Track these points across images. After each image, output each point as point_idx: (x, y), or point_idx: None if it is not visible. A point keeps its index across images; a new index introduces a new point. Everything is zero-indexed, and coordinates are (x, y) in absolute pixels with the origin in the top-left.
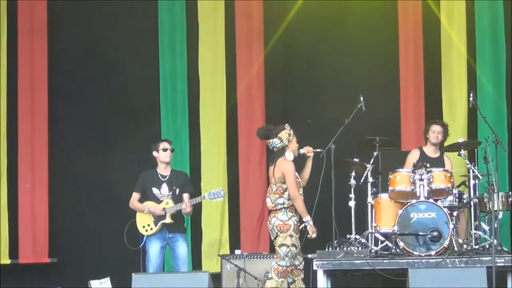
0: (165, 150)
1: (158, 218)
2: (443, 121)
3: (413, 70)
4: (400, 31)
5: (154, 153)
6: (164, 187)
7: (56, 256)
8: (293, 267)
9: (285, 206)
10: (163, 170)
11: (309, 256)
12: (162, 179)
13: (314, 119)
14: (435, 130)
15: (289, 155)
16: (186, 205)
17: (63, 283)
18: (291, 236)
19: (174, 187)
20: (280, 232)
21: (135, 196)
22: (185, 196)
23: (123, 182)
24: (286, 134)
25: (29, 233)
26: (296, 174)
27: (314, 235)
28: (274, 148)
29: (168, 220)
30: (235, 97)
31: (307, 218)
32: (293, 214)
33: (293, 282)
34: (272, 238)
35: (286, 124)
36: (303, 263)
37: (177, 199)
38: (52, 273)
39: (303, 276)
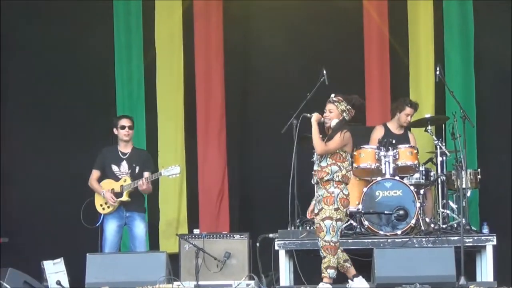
0: (123, 128)
1: (115, 196)
2: (416, 103)
3: (378, 43)
4: (364, 1)
5: (114, 130)
6: (124, 165)
7: (8, 235)
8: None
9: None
10: (124, 148)
11: (271, 235)
12: (122, 157)
13: (276, 93)
14: (409, 114)
15: None
16: (142, 182)
17: (14, 264)
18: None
19: (134, 165)
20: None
21: (94, 173)
22: (146, 174)
23: (77, 160)
24: None
25: None
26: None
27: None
28: None
29: (125, 198)
30: (193, 70)
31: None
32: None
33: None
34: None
35: None
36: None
37: (136, 178)
38: (3, 254)
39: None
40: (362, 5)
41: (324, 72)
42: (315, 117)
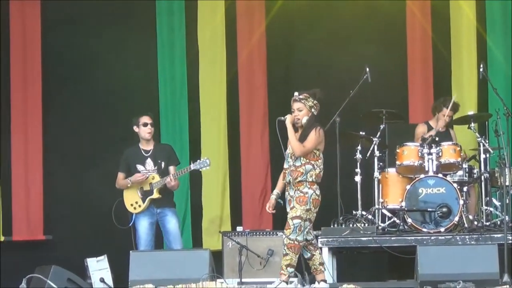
0: (145, 125)
1: (145, 194)
2: (455, 103)
3: (421, 41)
4: (407, 1)
5: (135, 128)
6: (149, 163)
7: (52, 233)
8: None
9: None
10: (146, 145)
11: (314, 233)
12: (146, 155)
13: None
14: (447, 115)
15: None
16: (170, 179)
17: (58, 261)
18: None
19: (159, 161)
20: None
21: (120, 176)
22: (171, 169)
23: (117, 158)
24: None
25: (24, 210)
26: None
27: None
28: None
29: (156, 195)
30: (236, 68)
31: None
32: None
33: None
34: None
35: None
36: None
37: (164, 173)
38: (47, 251)
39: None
40: (406, 5)
41: (367, 69)
42: (289, 118)
